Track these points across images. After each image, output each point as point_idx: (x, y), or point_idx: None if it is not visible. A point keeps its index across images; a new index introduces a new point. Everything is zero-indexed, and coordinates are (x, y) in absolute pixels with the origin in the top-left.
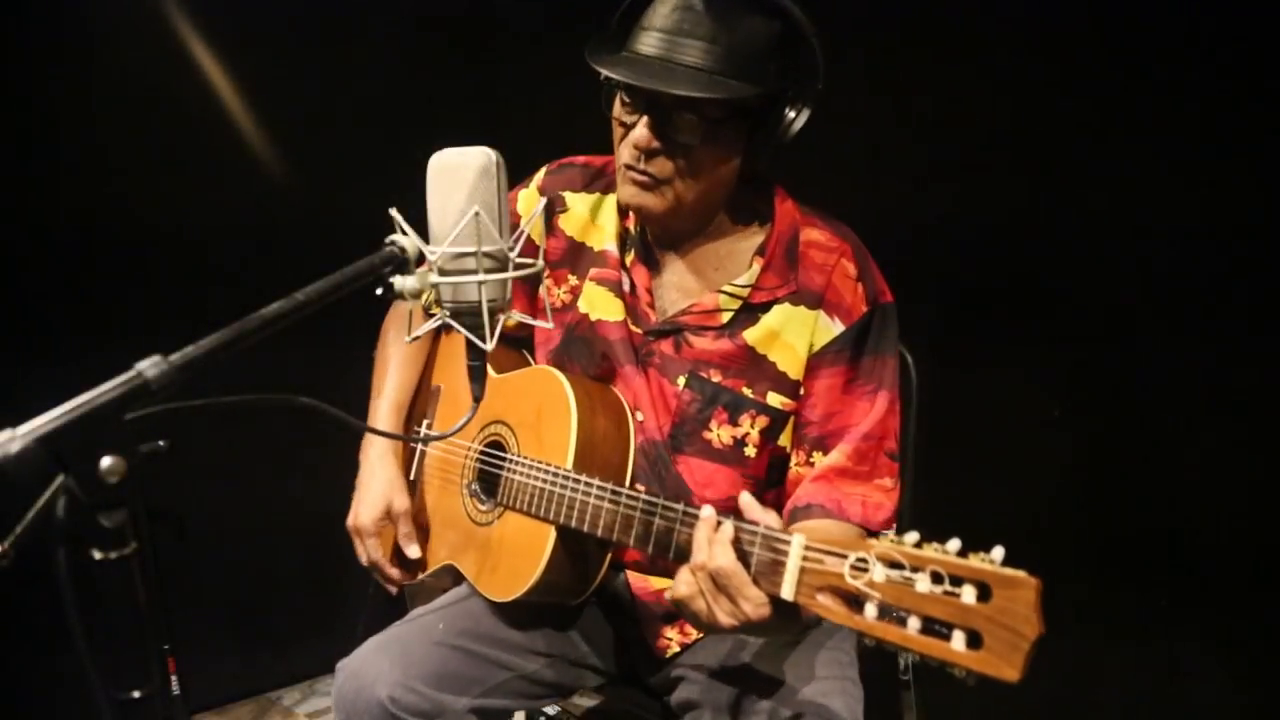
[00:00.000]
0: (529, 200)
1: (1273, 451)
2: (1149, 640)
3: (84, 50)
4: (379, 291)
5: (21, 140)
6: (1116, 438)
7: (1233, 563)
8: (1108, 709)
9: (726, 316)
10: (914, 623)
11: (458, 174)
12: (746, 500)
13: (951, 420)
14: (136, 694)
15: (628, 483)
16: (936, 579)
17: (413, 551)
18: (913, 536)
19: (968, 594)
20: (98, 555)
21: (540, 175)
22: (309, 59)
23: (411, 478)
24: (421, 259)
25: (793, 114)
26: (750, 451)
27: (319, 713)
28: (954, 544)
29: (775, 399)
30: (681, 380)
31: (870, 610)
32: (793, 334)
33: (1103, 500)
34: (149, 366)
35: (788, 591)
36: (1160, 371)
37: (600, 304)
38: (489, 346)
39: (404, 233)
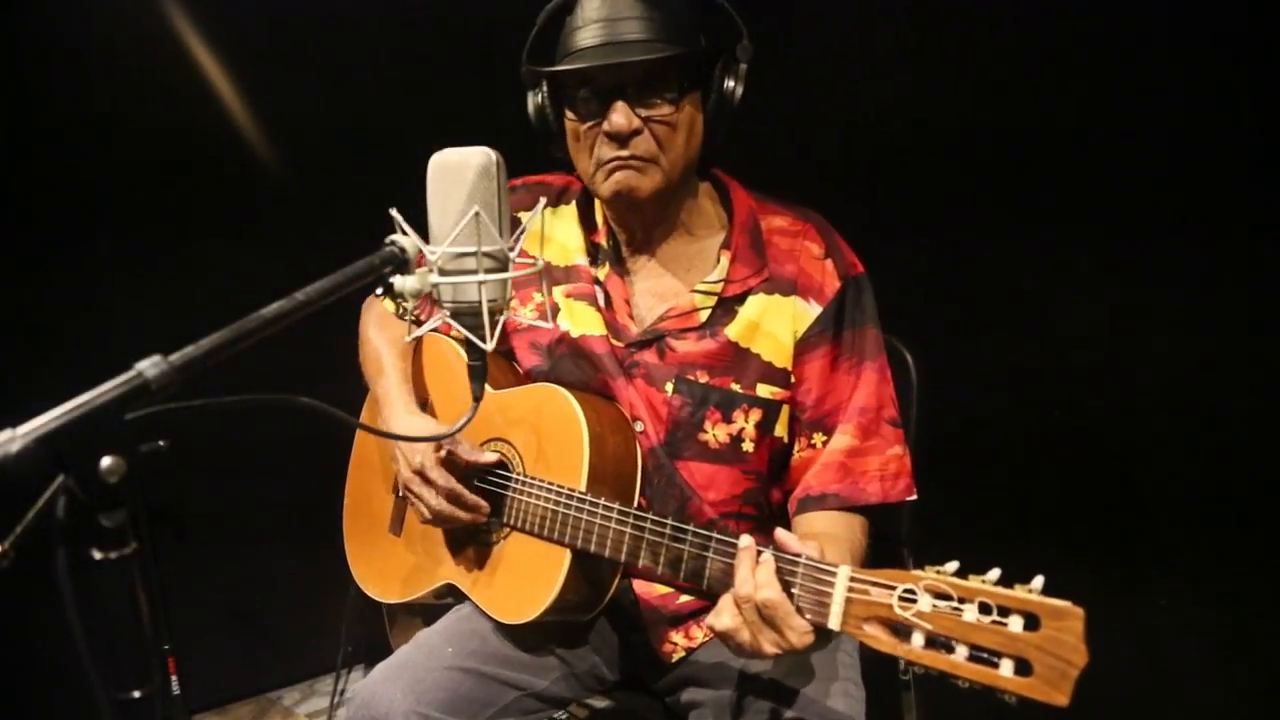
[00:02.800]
0: None
1: (1273, 448)
2: (1148, 639)
3: (84, 52)
4: (379, 291)
5: (22, 140)
6: (1116, 435)
7: (1232, 563)
8: (1107, 708)
9: (704, 315)
10: (961, 651)
11: (458, 174)
12: (782, 535)
13: (949, 416)
14: (136, 694)
15: (636, 495)
16: (984, 609)
17: (487, 456)
18: (953, 566)
19: (1015, 623)
20: (98, 555)
21: None
22: (309, 59)
23: (400, 493)
24: (422, 259)
25: (732, 78)
26: (748, 447)
27: (319, 713)
28: (994, 574)
29: (765, 390)
30: (669, 386)
31: (917, 639)
32: (772, 323)
33: (1101, 499)
34: (149, 366)
35: (834, 623)
36: (1161, 369)
37: (581, 319)
38: (489, 346)
39: (404, 233)
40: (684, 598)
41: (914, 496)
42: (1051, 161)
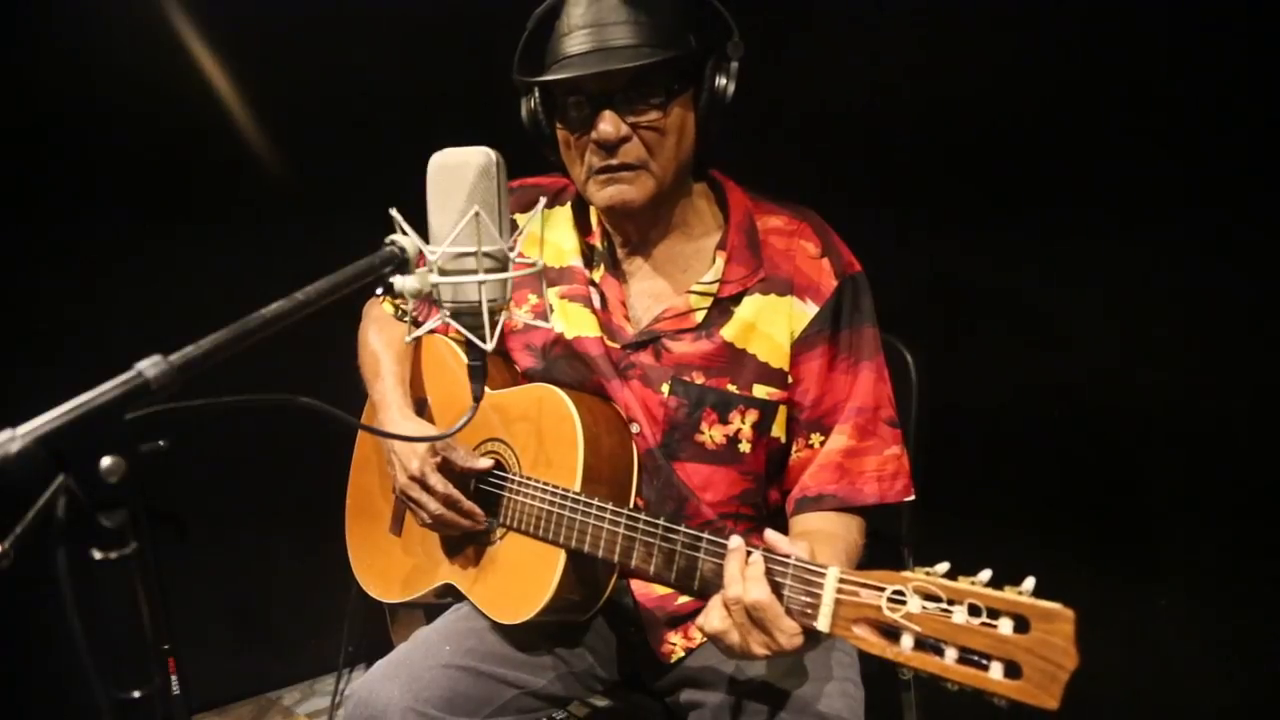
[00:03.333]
0: None
1: (1273, 448)
2: (1147, 639)
3: (83, 53)
4: (379, 291)
5: (21, 140)
6: (1116, 435)
7: (1232, 563)
8: (1106, 708)
9: (700, 315)
10: (951, 653)
11: (458, 174)
12: (772, 535)
13: (949, 416)
14: (136, 694)
15: (633, 495)
16: (974, 611)
17: (483, 463)
18: (943, 567)
19: (1005, 626)
20: (98, 555)
21: None
22: (311, 58)
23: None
24: (422, 259)
25: (724, 76)
26: (745, 448)
27: (319, 713)
28: (985, 574)
29: (761, 390)
30: (665, 387)
31: (907, 641)
32: (769, 323)
33: (1101, 499)
34: (149, 366)
35: (823, 624)
36: (1161, 369)
37: (575, 320)
38: (489, 346)
39: (404, 233)
40: (683, 598)
41: (912, 497)
42: (1052, 161)
